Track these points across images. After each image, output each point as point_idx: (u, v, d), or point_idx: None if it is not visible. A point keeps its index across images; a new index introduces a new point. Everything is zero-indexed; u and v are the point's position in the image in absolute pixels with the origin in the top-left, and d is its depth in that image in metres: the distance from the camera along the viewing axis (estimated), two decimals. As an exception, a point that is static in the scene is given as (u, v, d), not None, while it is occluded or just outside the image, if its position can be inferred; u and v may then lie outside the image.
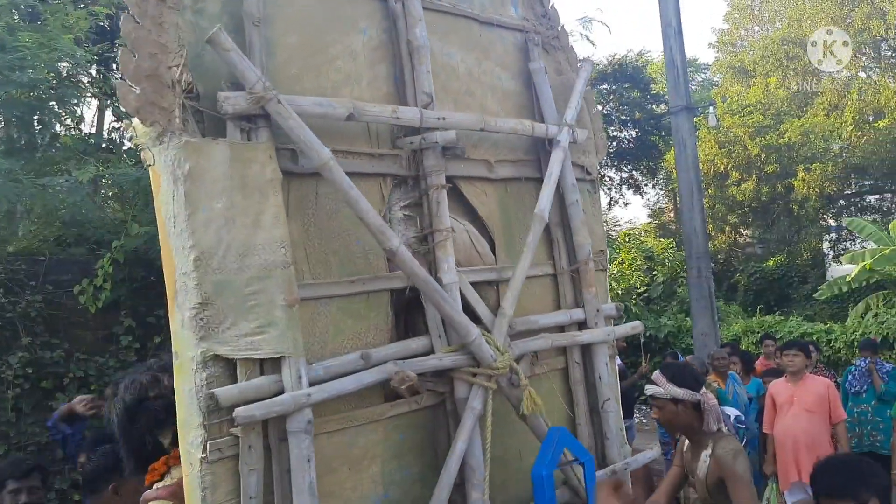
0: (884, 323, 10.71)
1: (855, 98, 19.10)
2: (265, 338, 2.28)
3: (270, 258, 2.32)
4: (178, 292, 2.22)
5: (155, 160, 2.27)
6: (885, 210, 20.96)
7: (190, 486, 2.20)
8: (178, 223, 2.22)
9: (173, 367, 2.28)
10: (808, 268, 20.20)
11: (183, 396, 2.23)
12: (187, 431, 2.21)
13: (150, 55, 2.25)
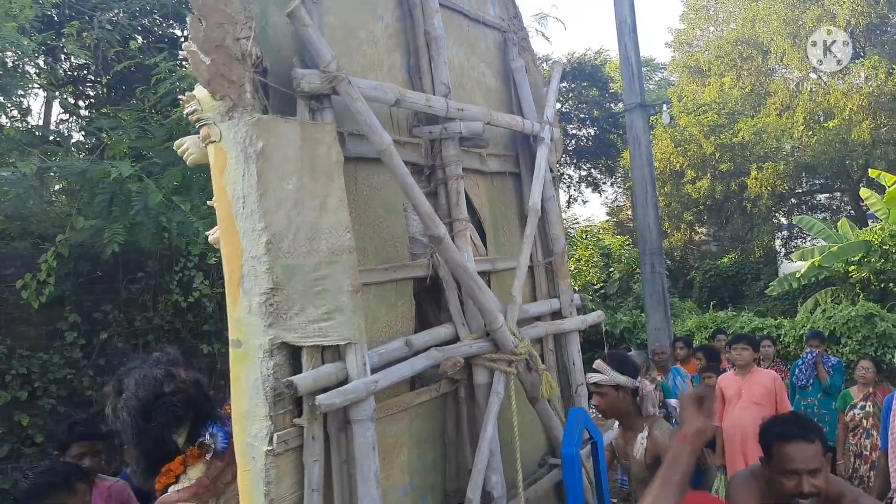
0: (831, 318, 10.95)
1: (806, 99, 19.50)
2: (332, 324, 2.19)
3: (337, 242, 2.24)
4: (245, 277, 2.09)
5: (222, 136, 2.15)
6: (834, 208, 21.47)
7: (251, 481, 2.07)
8: (248, 204, 2.11)
9: (232, 356, 2.14)
10: (760, 265, 20.59)
11: (246, 387, 2.10)
12: (250, 423, 2.09)
13: (217, 24, 2.14)
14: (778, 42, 20.74)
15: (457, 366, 2.55)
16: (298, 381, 2.10)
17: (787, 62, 21.17)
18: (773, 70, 22.27)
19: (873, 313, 10.65)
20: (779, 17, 20.63)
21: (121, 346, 6.42)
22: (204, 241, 6.18)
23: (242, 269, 2.10)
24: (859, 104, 18.46)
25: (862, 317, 10.58)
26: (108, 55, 7.66)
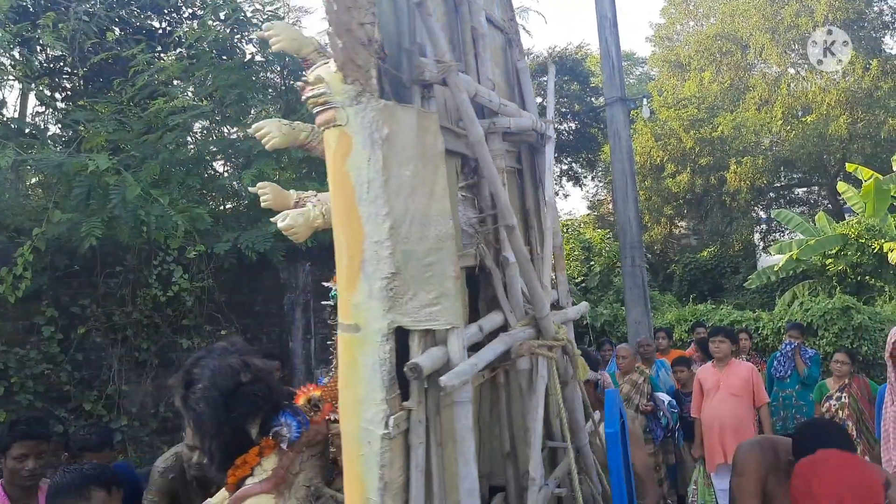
0: (808, 311, 11.06)
1: (784, 93, 19.67)
2: (440, 309, 2.24)
3: (442, 230, 2.29)
4: (367, 261, 2.11)
5: (349, 120, 2.15)
6: (812, 202, 21.70)
7: (365, 465, 2.09)
8: (373, 189, 2.13)
9: (347, 341, 2.12)
10: (740, 258, 20.77)
11: (362, 371, 2.12)
12: (365, 408, 2.10)
13: (346, 8, 2.13)
14: (757, 37, 20.90)
15: (531, 350, 2.58)
16: (423, 363, 2.16)
17: (766, 57, 21.35)
18: (752, 65, 22.44)
19: (849, 306, 10.78)
20: (758, 12, 20.79)
21: (99, 341, 6.36)
22: (183, 234, 6.14)
23: (364, 253, 2.12)
24: (836, 99, 18.67)
25: (838, 309, 10.71)
26: (85, 47, 7.58)
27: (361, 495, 2.09)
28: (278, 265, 6.71)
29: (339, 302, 2.16)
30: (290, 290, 6.94)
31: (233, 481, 2.24)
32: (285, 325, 6.89)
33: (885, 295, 12.99)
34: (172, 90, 7.52)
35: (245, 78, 7.66)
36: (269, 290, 6.85)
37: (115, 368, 6.29)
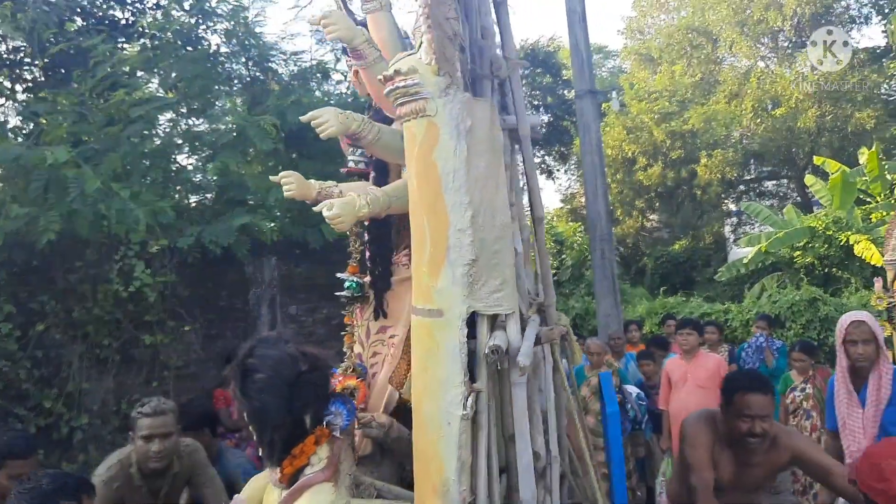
0: (776, 303, 11.18)
1: (754, 87, 19.82)
2: (504, 295, 2.35)
3: (505, 219, 2.39)
4: (451, 248, 2.21)
5: (437, 112, 2.24)
6: (781, 195, 21.93)
7: (445, 446, 2.17)
8: (458, 178, 2.23)
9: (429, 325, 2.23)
10: (711, 251, 20.93)
11: (444, 355, 2.21)
12: (445, 390, 2.20)
13: (438, 2, 2.23)
14: (727, 30, 21.04)
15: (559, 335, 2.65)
16: (503, 345, 2.30)
17: (736, 50, 21.51)
18: (722, 58, 22.60)
19: (816, 297, 10.91)
20: (727, 5, 20.93)
21: (58, 338, 6.21)
22: (144, 228, 6.02)
23: (448, 241, 2.22)
24: (805, 92, 18.84)
25: (806, 301, 10.83)
26: (45, 37, 7.39)
27: (440, 476, 2.15)
28: (243, 259, 6.61)
29: (420, 288, 2.26)
30: (256, 285, 6.85)
31: (290, 471, 2.23)
32: (251, 321, 6.79)
33: (850, 286, 13.16)
34: (135, 81, 7.37)
35: (210, 69, 7.54)
36: (233, 285, 6.75)
37: (75, 366, 6.15)
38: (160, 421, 3.37)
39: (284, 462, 2.23)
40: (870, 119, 18.25)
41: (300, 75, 8.12)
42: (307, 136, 7.80)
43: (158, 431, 3.36)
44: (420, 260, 2.27)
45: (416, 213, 2.28)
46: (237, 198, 6.93)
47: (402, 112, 2.31)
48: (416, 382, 2.31)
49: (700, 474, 3.17)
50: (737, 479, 3.23)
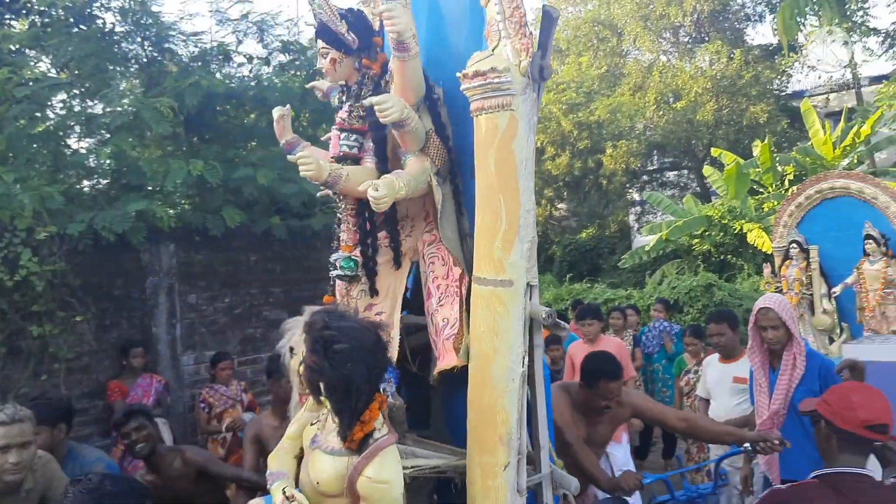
0: (675, 288, 11.61)
1: (656, 80, 20.47)
2: (533, 270, 2.64)
3: (531, 205, 2.63)
4: (522, 227, 2.52)
5: (519, 107, 2.53)
6: (681, 185, 22.75)
7: (509, 401, 2.49)
8: (528, 166, 2.55)
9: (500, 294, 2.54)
10: (616, 239, 21.54)
11: (513, 320, 2.54)
12: (512, 351, 2.52)
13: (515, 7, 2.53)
14: (631, 24, 21.62)
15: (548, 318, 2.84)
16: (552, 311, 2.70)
17: (640, 44, 22.15)
18: (626, 51, 23.23)
19: (712, 283, 11.39)
20: (631, 0, 21.50)
21: (-63, 331, 5.83)
22: (31, 214, 5.70)
23: (520, 220, 2.52)
24: (704, 87, 19.58)
25: (702, 287, 11.29)
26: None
27: (505, 426, 2.48)
28: (139, 247, 6.35)
29: (492, 261, 2.57)
30: (153, 273, 6.58)
31: (360, 437, 2.31)
32: (147, 310, 6.53)
33: (743, 272, 13.80)
34: (21, 59, 6.95)
35: (104, 48, 7.19)
36: (129, 273, 6.46)
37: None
38: (17, 430, 3.04)
39: (355, 428, 2.31)
40: (763, 113, 19.13)
41: (200, 57, 7.82)
42: (208, 120, 7.56)
43: (16, 441, 3.03)
44: (493, 236, 2.56)
45: (492, 195, 2.57)
46: (133, 183, 6.63)
47: (485, 105, 2.56)
48: (484, 345, 2.57)
49: (570, 432, 3.72)
50: (588, 436, 3.88)
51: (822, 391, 3.90)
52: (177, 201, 7.17)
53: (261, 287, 7.47)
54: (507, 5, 2.54)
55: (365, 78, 2.98)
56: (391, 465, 2.32)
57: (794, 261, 8.45)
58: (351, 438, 2.32)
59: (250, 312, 7.37)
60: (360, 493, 2.29)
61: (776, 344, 4.08)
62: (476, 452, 2.57)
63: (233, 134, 7.72)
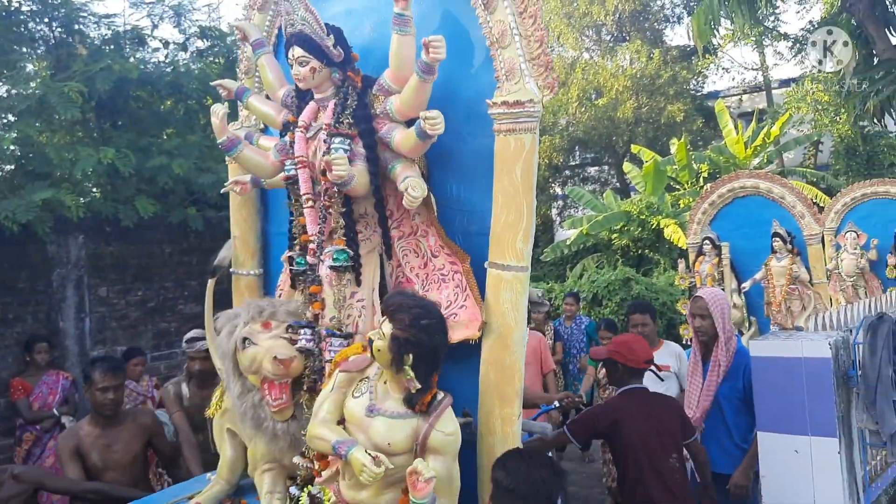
0: (594, 282, 11.83)
1: (579, 77, 20.81)
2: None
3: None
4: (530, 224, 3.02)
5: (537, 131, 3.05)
6: (602, 181, 23.23)
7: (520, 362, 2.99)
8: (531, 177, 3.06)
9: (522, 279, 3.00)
10: (539, 232, 21.80)
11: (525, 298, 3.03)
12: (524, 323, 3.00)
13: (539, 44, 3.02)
14: (555, 21, 21.89)
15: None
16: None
17: (563, 41, 22.45)
18: (550, 48, 23.41)
19: (630, 277, 11.65)
20: (556, -3, 21.79)
21: None
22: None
23: (532, 217, 3.00)
24: (624, 85, 20.03)
25: (620, 280, 11.53)
26: None
27: (521, 384, 2.96)
28: (45, 238, 6.06)
29: (515, 251, 3.02)
30: (60, 266, 6.29)
31: (429, 399, 2.66)
32: (54, 304, 6.24)
33: (660, 267, 14.19)
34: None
35: (8, 28, 6.83)
36: (34, 266, 6.16)
37: None
38: None
39: (428, 394, 2.66)
40: (680, 112, 19.71)
41: (112, 40, 7.51)
42: (120, 106, 7.27)
43: None
44: (517, 232, 3.02)
45: (517, 198, 3.03)
46: (38, 170, 6.32)
47: (516, 128, 3.01)
48: (508, 318, 2.99)
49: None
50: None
51: (745, 388, 4.06)
52: (86, 190, 6.87)
53: (175, 280, 7.25)
54: (534, 50, 3.03)
55: (349, 89, 3.23)
56: (454, 420, 2.72)
57: (707, 257, 8.73)
58: (422, 402, 2.67)
59: (164, 306, 7.14)
60: (432, 447, 2.65)
61: (703, 335, 4.22)
62: (497, 406, 3.00)
63: (147, 121, 7.44)
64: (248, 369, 3.16)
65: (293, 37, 3.19)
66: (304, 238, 3.32)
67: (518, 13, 3.02)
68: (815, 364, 3.56)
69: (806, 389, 3.57)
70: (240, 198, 3.91)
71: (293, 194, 3.34)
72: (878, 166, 16.55)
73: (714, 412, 4.21)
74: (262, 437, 3.25)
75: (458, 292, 3.21)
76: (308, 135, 3.27)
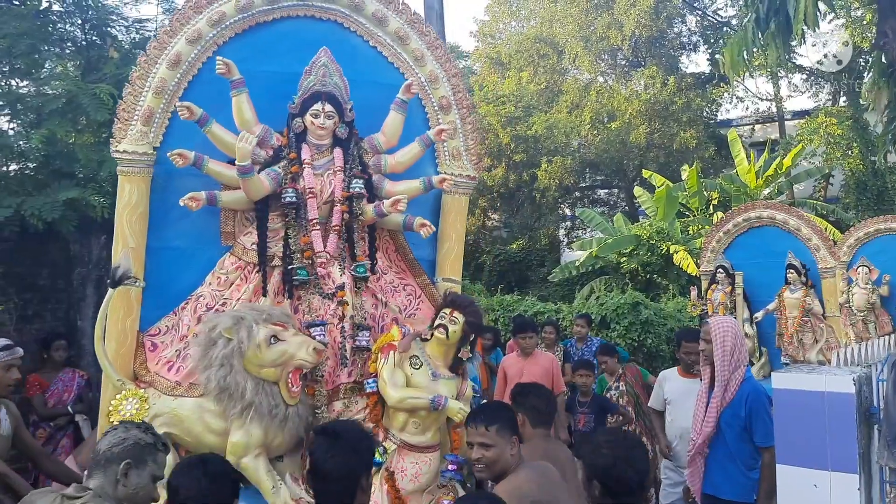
0: (603, 304, 11.81)
1: (593, 100, 20.90)
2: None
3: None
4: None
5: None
6: (612, 203, 23.29)
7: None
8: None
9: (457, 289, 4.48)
10: (546, 252, 21.84)
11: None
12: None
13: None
14: (572, 44, 22.03)
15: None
16: None
17: (579, 64, 22.57)
18: (566, 70, 23.63)
19: (639, 301, 11.64)
20: (574, 20, 21.91)
21: None
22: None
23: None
24: (638, 109, 20.10)
25: (629, 304, 11.52)
26: None
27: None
28: (69, 236, 6.11)
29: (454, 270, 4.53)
30: (82, 265, 6.34)
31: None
32: (73, 302, 6.28)
33: (668, 292, 14.18)
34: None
35: (39, 28, 6.90)
36: (56, 263, 6.21)
37: None
38: None
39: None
40: (692, 139, 19.77)
41: (143, 44, 7.59)
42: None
43: None
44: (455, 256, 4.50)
45: (457, 236, 4.49)
46: (64, 169, 6.38)
47: (460, 192, 4.62)
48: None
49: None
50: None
51: (747, 416, 4.08)
52: (111, 190, 6.91)
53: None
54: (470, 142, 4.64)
55: (354, 142, 4.14)
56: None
57: (720, 285, 8.76)
58: (461, 367, 4.03)
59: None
60: (466, 397, 3.98)
61: (706, 358, 4.27)
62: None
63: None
64: (273, 363, 3.52)
65: (325, 94, 3.96)
66: (307, 254, 3.93)
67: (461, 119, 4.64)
68: (837, 399, 3.59)
69: (828, 424, 3.59)
70: (137, 211, 3.98)
71: (292, 218, 3.97)
72: (889, 202, 16.57)
73: (717, 438, 4.23)
74: (263, 423, 3.55)
75: (411, 299, 4.34)
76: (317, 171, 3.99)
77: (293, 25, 4.22)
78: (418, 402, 3.72)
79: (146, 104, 3.96)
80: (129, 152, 3.94)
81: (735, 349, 4.21)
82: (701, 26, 23.21)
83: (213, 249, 4.12)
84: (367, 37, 4.34)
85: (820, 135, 17.38)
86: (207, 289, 4.00)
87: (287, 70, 4.02)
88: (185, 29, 4.01)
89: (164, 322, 4.04)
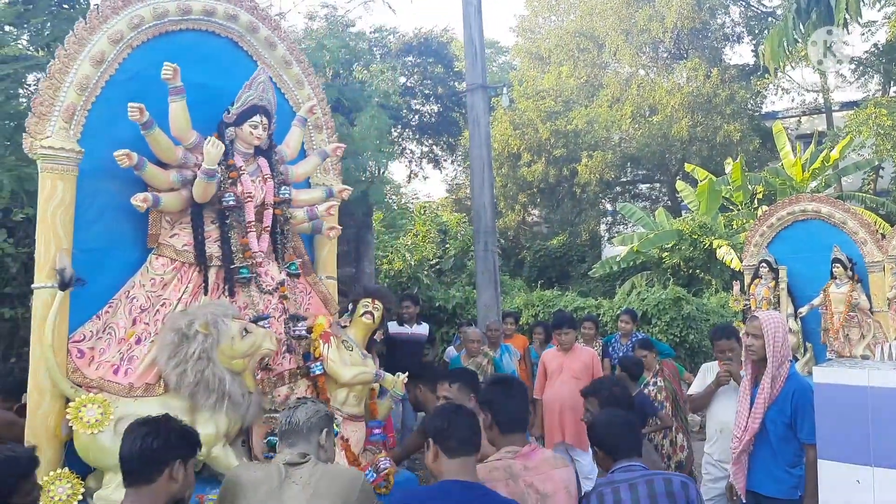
0: (644, 300, 11.75)
1: (634, 93, 20.70)
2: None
3: None
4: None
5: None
6: (653, 198, 23.05)
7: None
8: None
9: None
10: (586, 248, 21.74)
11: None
12: None
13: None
14: (612, 37, 21.85)
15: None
16: None
17: (620, 57, 22.38)
18: (606, 63, 23.45)
19: (681, 297, 11.55)
20: (614, 13, 21.73)
21: None
22: (8, 194, 5.63)
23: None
24: (680, 102, 19.85)
25: (671, 300, 11.44)
26: None
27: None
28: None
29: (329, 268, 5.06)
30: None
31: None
32: (123, 297, 6.45)
33: (711, 288, 14.03)
34: (2, 37, 6.82)
35: (74, 19, 7.08)
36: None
37: (-76, 339, 5.68)
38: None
39: None
40: (736, 132, 19.45)
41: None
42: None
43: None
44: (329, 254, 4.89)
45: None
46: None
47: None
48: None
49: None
50: None
51: (793, 414, 4.03)
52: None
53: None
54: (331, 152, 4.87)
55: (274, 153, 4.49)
56: None
57: (764, 280, 8.62)
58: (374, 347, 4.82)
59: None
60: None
61: (753, 354, 4.19)
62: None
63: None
64: (244, 353, 3.79)
65: (263, 109, 4.32)
66: (247, 254, 4.23)
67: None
68: (881, 393, 3.53)
69: (871, 419, 3.53)
70: (68, 214, 3.83)
71: (233, 220, 4.23)
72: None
73: (761, 436, 4.17)
74: (230, 413, 3.76)
75: (303, 295, 4.61)
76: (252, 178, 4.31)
77: (195, 38, 4.44)
78: (366, 376, 4.39)
79: (68, 100, 3.87)
80: (57, 148, 3.78)
81: (784, 344, 4.18)
82: (745, 17, 22.80)
83: (126, 252, 4.10)
84: (255, 57, 4.73)
85: (869, 126, 16.94)
86: (140, 290, 3.96)
87: (184, 79, 4.05)
88: (105, 27, 4.00)
89: (88, 327, 3.87)
